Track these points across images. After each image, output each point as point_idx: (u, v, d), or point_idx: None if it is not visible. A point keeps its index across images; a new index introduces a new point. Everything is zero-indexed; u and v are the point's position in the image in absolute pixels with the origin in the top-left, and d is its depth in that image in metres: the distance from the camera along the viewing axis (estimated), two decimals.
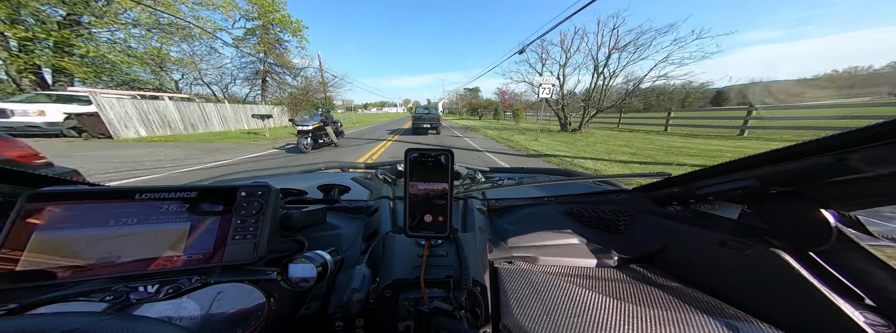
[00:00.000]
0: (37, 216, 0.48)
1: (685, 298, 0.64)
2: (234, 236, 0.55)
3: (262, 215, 0.57)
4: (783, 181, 0.54)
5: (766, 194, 0.59)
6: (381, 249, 0.69)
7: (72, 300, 0.45)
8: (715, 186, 0.63)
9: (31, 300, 0.44)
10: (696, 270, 0.72)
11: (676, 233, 0.78)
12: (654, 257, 0.81)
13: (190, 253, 0.52)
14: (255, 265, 0.55)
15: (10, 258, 0.45)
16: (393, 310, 0.52)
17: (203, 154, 8.11)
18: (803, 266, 0.53)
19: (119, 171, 5.78)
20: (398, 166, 1.32)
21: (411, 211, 0.55)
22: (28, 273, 0.45)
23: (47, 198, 0.50)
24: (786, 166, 0.50)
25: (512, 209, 1.05)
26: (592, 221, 0.93)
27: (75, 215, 0.50)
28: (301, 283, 0.54)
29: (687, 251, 0.75)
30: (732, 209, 0.67)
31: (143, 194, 0.53)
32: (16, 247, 0.46)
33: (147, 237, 0.51)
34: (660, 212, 0.86)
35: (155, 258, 0.50)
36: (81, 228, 0.49)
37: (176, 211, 0.54)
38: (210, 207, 0.56)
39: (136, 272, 0.49)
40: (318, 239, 0.79)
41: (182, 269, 0.51)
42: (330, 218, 0.87)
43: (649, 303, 0.62)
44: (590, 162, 6.58)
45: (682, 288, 0.68)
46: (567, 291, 0.65)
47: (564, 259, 0.81)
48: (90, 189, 0.54)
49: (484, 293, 0.56)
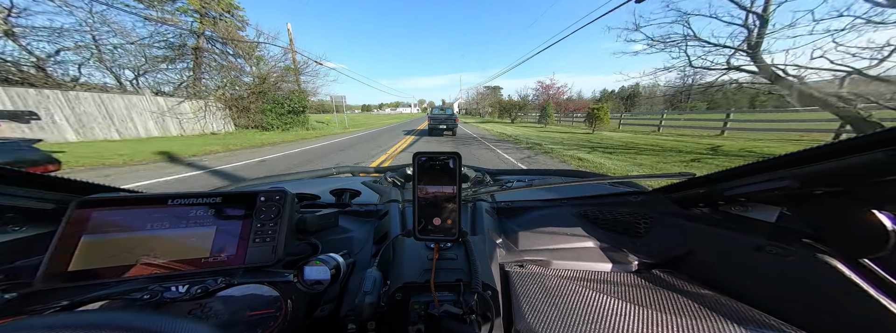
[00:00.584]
0: (85, 221, 0.53)
1: (716, 306, 0.60)
2: (254, 239, 0.57)
3: (279, 219, 0.60)
4: (829, 181, 0.50)
5: (809, 195, 0.55)
6: (391, 252, 0.70)
7: (115, 298, 0.49)
8: (747, 186, 0.60)
9: (80, 298, 0.48)
10: (727, 276, 0.68)
11: (704, 237, 0.74)
12: (678, 262, 0.77)
13: (215, 255, 0.55)
14: (273, 268, 0.58)
15: (63, 259, 0.50)
16: (404, 313, 0.52)
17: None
18: (856, 274, 0.49)
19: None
20: (407, 170, 1.35)
21: (420, 215, 0.56)
22: (78, 274, 0.50)
23: (94, 204, 0.54)
24: (831, 164, 0.46)
25: (523, 211, 1.03)
26: (609, 223, 0.91)
27: (117, 219, 0.54)
28: (315, 285, 0.55)
29: (716, 256, 0.71)
30: (769, 212, 0.63)
31: (175, 200, 0.57)
32: (67, 250, 0.50)
33: (178, 240, 0.55)
34: (684, 214, 0.82)
35: (185, 259, 0.54)
36: (123, 232, 0.54)
37: (203, 216, 0.58)
38: (233, 211, 0.59)
39: (169, 273, 0.53)
40: (331, 242, 0.81)
41: (208, 270, 0.54)
42: (342, 222, 0.89)
43: (676, 311, 0.59)
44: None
45: (712, 295, 0.64)
46: (583, 296, 0.63)
47: (579, 263, 0.79)
48: (130, 196, 0.58)
49: (495, 297, 0.56)
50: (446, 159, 0.54)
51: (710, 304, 0.61)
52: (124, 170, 6.66)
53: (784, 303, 0.57)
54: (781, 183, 0.53)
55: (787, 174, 0.52)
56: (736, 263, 0.66)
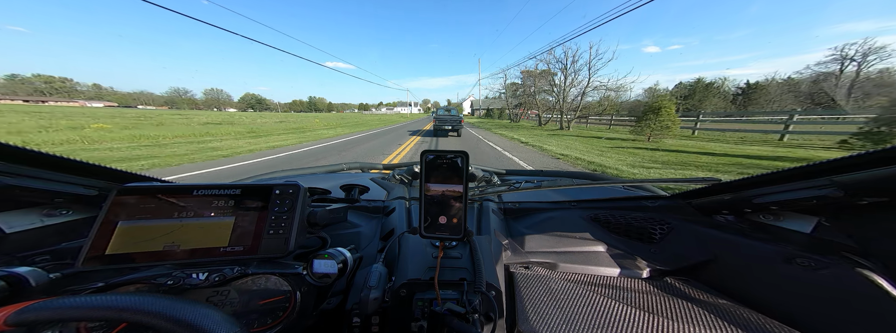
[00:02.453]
0: (122, 207, 0.57)
1: (735, 317, 0.57)
2: (268, 230, 0.60)
3: (292, 212, 0.62)
4: (876, 191, 0.46)
5: (852, 206, 0.52)
6: (397, 248, 0.71)
7: (144, 282, 0.53)
8: (779, 194, 0.57)
9: (115, 280, 0.52)
10: (749, 287, 0.65)
11: (727, 245, 0.71)
12: (695, 270, 0.74)
13: (233, 245, 0.58)
14: (284, 259, 0.60)
15: (102, 243, 0.54)
16: (407, 310, 0.53)
17: None
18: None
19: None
20: (415, 168, 1.35)
21: (426, 212, 0.56)
22: (115, 257, 0.54)
23: (132, 192, 0.59)
24: (880, 171, 0.42)
25: (530, 212, 1.02)
26: (621, 228, 0.88)
27: (150, 207, 0.58)
28: (323, 278, 0.57)
29: (740, 266, 0.67)
30: (804, 222, 0.60)
31: (200, 191, 0.61)
32: (106, 234, 0.55)
33: (200, 229, 0.58)
34: (705, 222, 0.79)
35: (206, 248, 0.57)
36: (154, 219, 0.58)
37: (223, 207, 0.61)
38: (250, 203, 0.62)
39: (192, 261, 0.56)
40: (340, 237, 0.84)
41: (226, 259, 0.57)
42: (350, 217, 0.91)
43: (690, 320, 0.57)
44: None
45: (731, 306, 0.61)
46: (590, 300, 0.62)
47: (587, 268, 0.77)
48: (162, 186, 0.62)
49: (498, 297, 0.56)
50: (454, 157, 0.55)
51: (728, 315, 0.58)
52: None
53: (813, 318, 0.54)
54: (821, 191, 0.49)
55: (827, 182, 0.48)
56: (761, 274, 0.63)
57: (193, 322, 0.32)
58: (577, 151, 9.54)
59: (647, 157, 8.45)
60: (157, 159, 7.25)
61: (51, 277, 0.50)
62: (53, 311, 0.32)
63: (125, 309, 0.33)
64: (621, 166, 7.35)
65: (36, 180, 0.58)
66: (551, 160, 8.54)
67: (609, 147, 10.41)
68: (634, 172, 6.40)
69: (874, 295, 0.47)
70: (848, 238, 0.54)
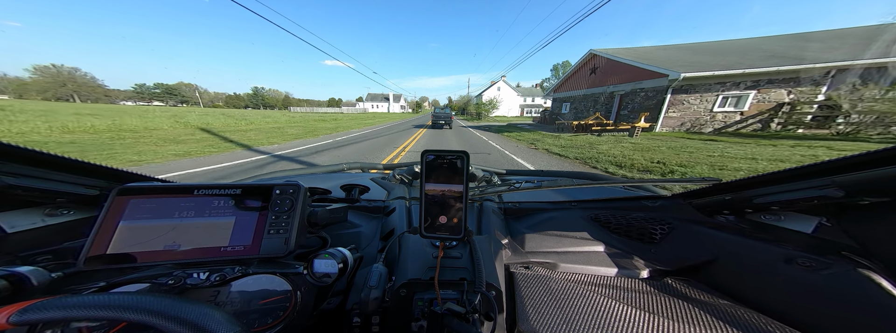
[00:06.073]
0: (123, 207, 0.57)
1: (734, 317, 0.57)
2: (268, 230, 0.60)
3: (293, 211, 0.62)
4: (878, 191, 0.46)
5: (854, 206, 0.52)
6: (397, 248, 0.71)
7: (144, 281, 0.53)
8: (780, 194, 0.57)
9: (116, 279, 0.52)
10: (750, 287, 0.65)
11: (728, 246, 0.71)
12: (696, 270, 0.75)
13: (234, 245, 0.58)
14: (285, 259, 0.60)
15: (103, 242, 0.54)
16: (407, 309, 0.54)
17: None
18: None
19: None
20: (415, 168, 1.35)
21: (427, 212, 0.56)
22: (116, 256, 0.54)
23: (133, 192, 0.59)
24: (882, 171, 0.42)
25: (531, 212, 1.02)
26: (621, 228, 0.88)
27: (151, 207, 0.58)
28: (324, 278, 0.57)
29: (740, 267, 0.67)
30: (806, 222, 0.60)
31: (201, 190, 0.61)
32: (107, 233, 0.55)
33: (201, 229, 0.58)
34: (706, 222, 0.78)
35: (207, 248, 0.57)
36: (155, 219, 0.58)
37: (224, 207, 0.61)
38: (251, 203, 0.62)
39: (192, 260, 0.56)
40: (340, 236, 0.84)
41: (227, 259, 0.57)
42: (350, 217, 0.91)
43: (690, 320, 0.57)
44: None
45: (731, 306, 0.61)
46: (590, 300, 0.62)
47: (588, 268, 0.77)
48: (163, 185, 0.62)
49: (498, 297, 0.56)
50: (454, 157, 0.55)
51: (727, 315, 0.58)
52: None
53: (813, 318, 0.54)
54: (823, 191, 0.49)
55: (829, 182, 0.48)
56: (762, 274, 0.63)
57: (195, 321, 0.33)
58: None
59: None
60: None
61: (52, 276, 0.51)
62: (55, 310, 0.33)
63: (126, 309, 0.33)
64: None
65: (37, 180, 0.58)
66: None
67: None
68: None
69: (875, 296, 0.47)
70: (849, 239, 0.54)
